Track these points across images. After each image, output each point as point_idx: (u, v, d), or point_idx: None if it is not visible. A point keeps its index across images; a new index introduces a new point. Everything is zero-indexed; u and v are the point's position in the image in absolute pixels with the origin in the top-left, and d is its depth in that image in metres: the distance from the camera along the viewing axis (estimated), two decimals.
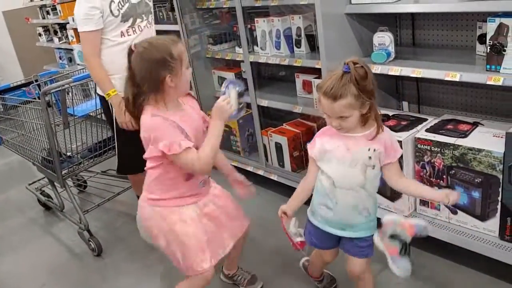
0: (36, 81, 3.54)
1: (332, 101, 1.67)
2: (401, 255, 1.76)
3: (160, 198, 1.97)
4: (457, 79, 2.17)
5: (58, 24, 5.92)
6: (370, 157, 1.78)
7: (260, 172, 3.41)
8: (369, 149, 1.78)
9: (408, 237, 1.73)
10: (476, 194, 2.22)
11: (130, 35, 2.59)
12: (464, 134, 2.28)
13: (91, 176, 3.79)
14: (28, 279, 2.93)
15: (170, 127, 1.79)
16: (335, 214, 1.89)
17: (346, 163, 1.81)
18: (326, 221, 1.95)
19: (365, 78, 1.66)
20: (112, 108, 2.66)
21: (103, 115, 2.97)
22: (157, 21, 3.78)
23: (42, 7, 6.08)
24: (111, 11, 2.50)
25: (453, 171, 2.27)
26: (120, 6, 2.52)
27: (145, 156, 1.91)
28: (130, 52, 1.82)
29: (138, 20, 2.61)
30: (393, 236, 1.76)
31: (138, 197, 2.89)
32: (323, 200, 1.91)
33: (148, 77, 1.77)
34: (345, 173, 1.82)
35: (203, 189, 2.06)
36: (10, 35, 6.68)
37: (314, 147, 1.90)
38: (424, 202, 2.46)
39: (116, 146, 2.84)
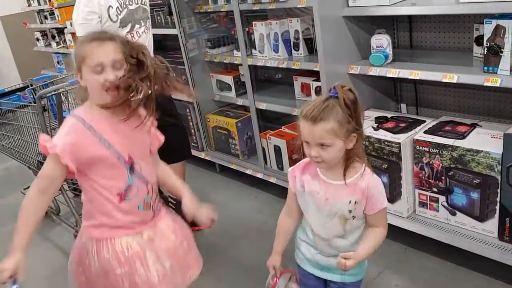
0: (31, 85, 3.54)
1: (312, 124, 1.46)
2: None
3: (91, 225, 1.66)
4: (454, 80, 2.18)
5: (56, 28, 5.93)
6: (350, 211, 1.57)
7: (259, 175, 3.41)
8: (349, 201, 1.56)
9: None
10: (475, 195, 2.23)
11: None
12: (462, 136, 2.28)
13: None
14: (25, 284, 2.91)
15: (70, 129, 1.54)
16: (314, 256, 1.71)
17: (324, 213, 1.60)
18: (307, 260, 1.76)
19: (355, 102, 1.48)
20: None
21: None
22: (155, 25, 3.79)
23: (40, 11, 6.09)
24: (109, 16, 2.50)
25: (452, 172, 2.27)
26: (119, 12, 2.53)
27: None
28: None
29: (137, 26, 2.62)
30: None
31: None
32: (303, 236, 1.75)
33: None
34: (323, 223, 1.62)
35: (146, 215, 1.68)
36: (8, 40, 6.69)
37: (295, 182, 1.66)
38: (423, 204, 2.46)
39: None
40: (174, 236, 1.76)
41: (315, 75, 2.80)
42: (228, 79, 3.55)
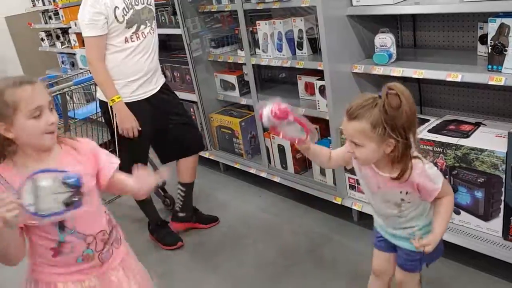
0: None
1: (347, 120, 1.49)
2: None
3: (32, 263, 1.57)
4: (458, 79, 2.18)
5: (61, 28, 5.95)
6: (402, 199, 1.59)
7: (263, 174, 3.42)
8: (401, 192, 1.57)
9: None
10: (479, 194, 2.22)
11: (134, 41, 2.59)
12: (466, 135, 2.28)
13: None
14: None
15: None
16: (382, 225, 1.78)
17: (378, 196, 1.65)
18: (379, 226, 1.82)
19: (395, 109, 1.40)
20: (113, 114, 2.65)
21: (103, 118, 2.98)
22: (159, 25, 3.79)
23: (44, 12, 6.11)
24: (115, 17, 2.50)
25: (456, 171, 2.27)
26: (125, 13, 2.53)
27: None
28: None
29: (142, 27, 2.62)
30: None
31: (180, 183, 2.95)
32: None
33: None
34: (379, 204, 1.68)
35: (90, 265, 1.57)
36: (12, 40, 6.71)
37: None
38: None
39: (116, 151, 2.83)
40: (120, 285, 1.64)
41: (319, 74, 2.80)
42: (232, 78, 3.55)
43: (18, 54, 6.76)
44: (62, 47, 6.06)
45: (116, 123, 2.65)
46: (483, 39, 2.33)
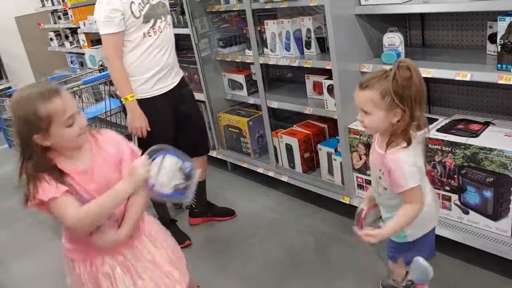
0: None
1: (359, 89, 1.62)
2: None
3: (67, 247, 1.77)
4: (467, 78, 2.17)
5: (70, 28, 5.98)
6: (380, 177, 1.73)
7: (271, 174, 3.42)
8: (380, 170, 1.71)
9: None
10: (488, 194, 2.21)
11: (151, 35, 2.61)
12: (475, 134, 2.27)
13: None
14: (39, 281, 2.95)
15: (44, 181, 1.56)
16: None
17: (372, 173, 1.83)
18: None
19: (407, 79, 1.52)
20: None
21: (112, 117, 3.00)
22: None
23: (53, 12, 6.15)
24: (132, 12, 2.52)
25: (465, 171, 2.26)
26: (141, 8, 2.55)
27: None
28: None
29: (158, 21, 2.64)
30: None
31: None
32: None
33: (18, 133, 1.55)
34: (373, 182, 1.85)
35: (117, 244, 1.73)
36: (22, 40, 6.77)
37: None
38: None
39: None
40: (152, 256, 1.80)
41: (327, 73, 2.80)
42: (240, 78, 3.56)
43: (28, 54, 6.81)
44: (71, 47, 6.09)
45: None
46: (492, 38, 2.32)
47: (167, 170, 1.54)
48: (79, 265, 1.74)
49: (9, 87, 5.47)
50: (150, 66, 2.63)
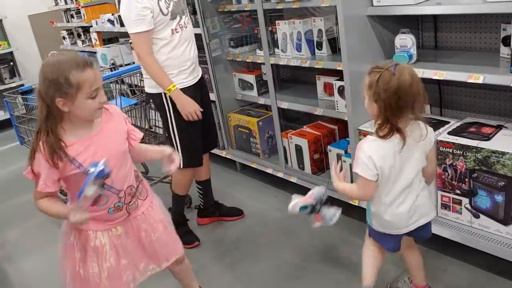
0: None
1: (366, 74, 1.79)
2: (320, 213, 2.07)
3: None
4: (480, 81, 2.15)
5: (82, 27, 6.03)
6: None
7: (280, 175, 3.41)
8: None
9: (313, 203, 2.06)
10: (499, 198, 2.19)
11: (178, 32, 2.63)
12: (487, 137, 2.25)
13: None
14: (49, 277, 2.97)
15: (42, 159, 1.67)
16: None
17: None
18: None
19: (386, 84, 1.67)
20: (168, 104, 2.70)
21: (158, 112, 3.01)
22: None
23: (66, 10, 6.21)
24: (160, 9, 2.53)
25: (476, 174, 2.24)
26: (167, 4, 2.57)
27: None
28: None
29: (183, 17, 2.67)
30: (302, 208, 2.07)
31: (197, 182, 3.10)
32: None
33: (42, 91, 1.64)
34: None
35: (119, 215, 1.87)
36: (35, 39, 6.83)
37: None
38: (445, 206, 2.43)
39: (177, 142, 2.80)
40: (147, 226, 1.95)
41: (338, 74, 2.79)
42: (250, 78, 3.56)
43: (40, 52, 6.87)
44: (83, 45, 6.14)
45: (171, 114, 2.71)
46: (506, 41, 2.30)
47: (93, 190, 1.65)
48: (74, 234, 1.86)
49: (22, 85, 5.51)
50: (180, 62, 2.66)
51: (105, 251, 1.85)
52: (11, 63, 6.39)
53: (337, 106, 2.88)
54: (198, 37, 3.57)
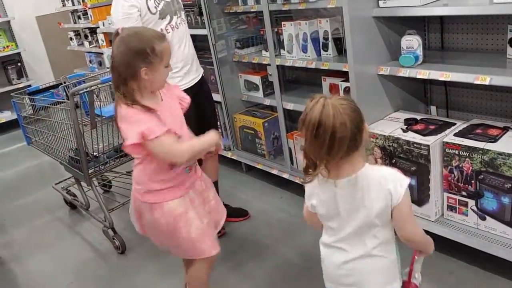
0: (65, 82, 3.63)
1: None
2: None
3: (151, 189, 1.94)
4: (487, 82, 2.14)
5: (89, 28, 6.07)
6: None
7: (285, 176, 3.41)
8: None
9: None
10: (506, 200, 2.17)
11: (169, 32, 2.64)
12: (494, 139, 2.24)
13: (116, 177, 3.86)
14: (55, 277, 2.99)
15: (145, 115, 1.77)
16: None
17: None
18: None
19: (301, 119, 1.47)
20: None
21: None
22: None
23: (73, 12, 6.25)
24: (148, 8, 2.55)
25: (482, 176, 2.23)
26: (157, 4, 2.58)
27: (123, 146, 1.84)
28: (115, 35, 1.79)
29: (174, 17, 2.68)
30: None
31: None
32: None
33: (124, 63, 1.74)
34: None
35: (191, 176, 2.01)
36: (42, 40, 6.87)
37: None
38: (451, 208, 2.42)
39: None
40: (207, 193, 2.11)
41: (344, 75, 2.79)
42: (256, 79, 3.56)
43: (48, 53, 6.92)
44: (90, 46, 6.17)
45: None
46: None
47: None
48: (156, 208, 1.94)
49: (29, 85, 5.55)
50: (172, 62, 2.65)
51: (190, 216, 1.97)
52: (19, 64, 6.43)
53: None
54: (204, 38, 3.60)
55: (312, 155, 1.44)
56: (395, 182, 1.43)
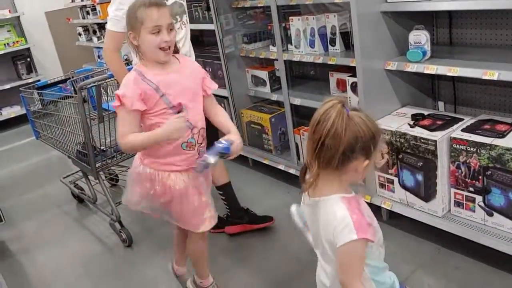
0: (72, 77, 3.66)
1: None
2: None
3: (146, 159, 2.02)
4: (495, 78, 2.13)
5: (97, 24, 6.10)
6: None
7: (292, 171, 3.41)
8: None
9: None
10: None
11: None
12: (502, 134, 2.22)
13: (122, 171, 3.88)
14: (64, 270, 3.02)
15: (133, 83, 1.85)
16: None
17: None
18: None
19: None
20: None
21: None
22: (193, 21, 3.84)
23: (82, 7, 6.28)
24: None
25: (490, 172, 2.22)
26: None
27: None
28: None
29: (173, 21, 2.64)
30: None
31: (217, 188, 3.01)
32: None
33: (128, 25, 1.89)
34: None
35: (191, 154, 2.00)
36: (51, 35, 6.91)
37: None
38: (458, 203, 2.41)
39: None
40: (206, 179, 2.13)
41: (351, 70, 2.78)
42: (263, 74, 3.56)
43: (57, 48, 6.96)
44: (99, 41, 6.20)
45: None
46: None
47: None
48: (159, 177, 1.98)
49: (38, 80, 5.59)
50: None
51: (189, 193, 2.01)
52: (28, 59, 6.47)
53: (350, 103, 2.87)
54: (211, 33, 3.61)
55: (308, 155, 1.42)
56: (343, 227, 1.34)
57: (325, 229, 1.40)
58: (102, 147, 3.28)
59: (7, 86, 6.17)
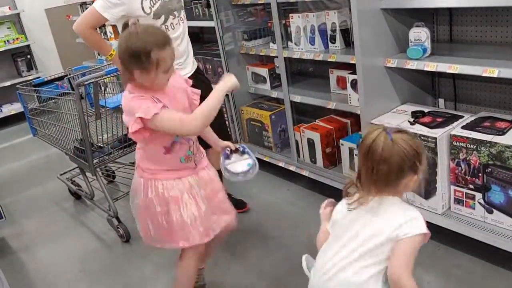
0: (69, 74, 3.65)
1: None
2: None
3: (150, 168, 1.99)
4: (495, 75, 2.12)
5: None
6: None
7: (292, 168, 3.41)
8: None
9: None
10: None
11: None
12: (502, 132, 2.22)
13: (119, 167, 3.89)
14: (64, 266, 3.02)
15: (145, 99, 1.79)
16: None
17: None
18: None
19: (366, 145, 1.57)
20: None
21: None
22: (193, 18, 3.84)
23: (82, 4, 6.27)
24: (142, 8, 2.50)
25: (490, 169, 2.22)
26: (152, 4, 2.53)
27: (129, 133, 1.87)
28: (124, 27, 1.84)
29: (170, 17, 2.61)
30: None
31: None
32: None
33: (122, 60, 1.79)
34: None
35: (188, 165, 2.02)
36: (51, 32, 6.90)
37: None
38: (458, 201, 2.41)
39: None
40: (211, 185, 2.12)
41: (351, 68, 2.78)
42: (263, 71, 3.56)
43: (57, 45, 6.95)
44: None
45: None
46: None
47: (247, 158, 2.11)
48: (151, 186, 1.97)
49: (38, 77, 5.59)
50: None
51: (185, 200, 1.99)
52: (28, 56, 6.46)
53: (350, 100, 2.86)
54: (211, 30, 3.60)
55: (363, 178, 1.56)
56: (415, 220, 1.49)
57: (388, 222, 1.49)
58: (99, 144, 3.28)
59: (7, 83, 6.17)
